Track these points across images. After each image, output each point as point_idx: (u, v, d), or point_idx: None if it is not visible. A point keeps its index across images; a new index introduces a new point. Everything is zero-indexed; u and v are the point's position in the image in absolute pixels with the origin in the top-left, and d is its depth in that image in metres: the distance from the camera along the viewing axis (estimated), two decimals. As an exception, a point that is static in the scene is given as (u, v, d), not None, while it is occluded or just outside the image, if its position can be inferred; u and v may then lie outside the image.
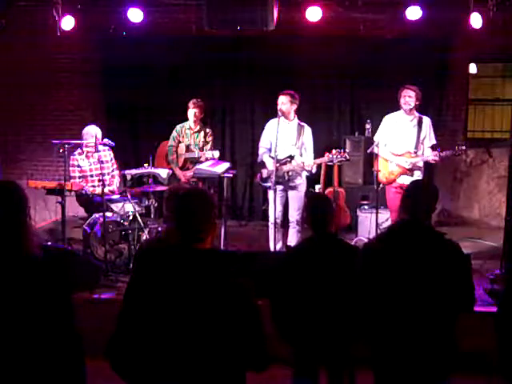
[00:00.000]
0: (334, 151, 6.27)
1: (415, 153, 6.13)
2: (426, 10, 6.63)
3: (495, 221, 8.30)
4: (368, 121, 8.25)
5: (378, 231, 6.42)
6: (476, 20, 6.50)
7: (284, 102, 6.22)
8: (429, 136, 6.18)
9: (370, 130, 8.19)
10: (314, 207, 3.59)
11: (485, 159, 8.58)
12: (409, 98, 6.07)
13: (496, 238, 6.76)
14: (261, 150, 6.49)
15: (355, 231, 7.27)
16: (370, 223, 6.92)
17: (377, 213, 6.39)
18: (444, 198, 8.61)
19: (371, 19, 7.12)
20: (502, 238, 5.93)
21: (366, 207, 7.44)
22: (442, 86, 8.18)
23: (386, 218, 7.09)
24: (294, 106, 6.29)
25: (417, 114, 6.20)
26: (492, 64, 8.54)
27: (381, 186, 6.36)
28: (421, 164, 6.19)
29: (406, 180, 6.00)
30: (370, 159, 6.57)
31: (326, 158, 6.28)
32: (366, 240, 6.76)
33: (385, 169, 6.25)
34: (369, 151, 6.39)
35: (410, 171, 6.14)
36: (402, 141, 6.19)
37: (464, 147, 6.13)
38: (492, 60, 8.39)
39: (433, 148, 6.17)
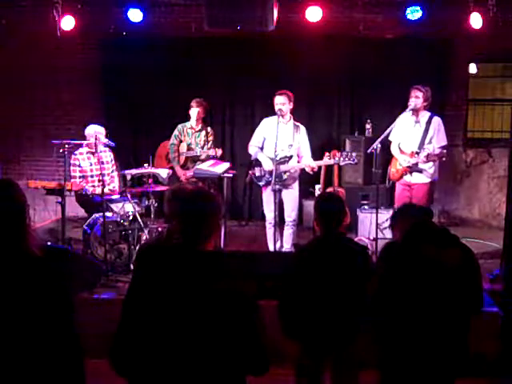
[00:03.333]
0: (338, 154, 6.34)
1: (418, 153, 6.13)
2: (426, 10, 6.64)
3: (495, 221, 8.30)
4: (368, 121, 8.25)
5: (378, 231, 6.44)
6: (476, 20, 6.51)
7: (283, 103, 6.22)
8: (437, 136, 6.16)
9: (370, 130, 8.20)
10: (323, 206, 3.57)
11: (485, 159, 8.57)
12: (415, 98, 6.07)
13: (496, 238, 6.76)
14: (252, 149, 6.46)
15: (355, 231, 7.27)
16: (370, 223, 6.92)
17: (377, 213, 6.39)
18: (444, 198, 8.61)
19: (371, 19, 7.13)
20: (502, 238, 5.93)
21: (366, 207, 7.44)
22: (441, 86, 8.18)
23: (386, 218, 7.10)
24: (291, 106, 6.31)
25: (427, 114, 6.19)
26: (492, 64, 8.53)
27: (391, 182, 6.48)
28: (424, 164, 6.14)
29: (410, 179, 6.14)
30: (370, 159, 6.58)
31: (332, 160, 6.33)
32: (365, 240, 6.77)
33: (394, 167, 6.36)
34: (369, 151, 6.39)
35: (410, 171, 6.16)
36: (407, 140, 6.24)
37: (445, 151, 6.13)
38: (492, 60, 8.38)
39: (442, 148, 6.15)
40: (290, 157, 6.30)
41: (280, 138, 6.15)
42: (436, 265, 2.99)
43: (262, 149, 6.40)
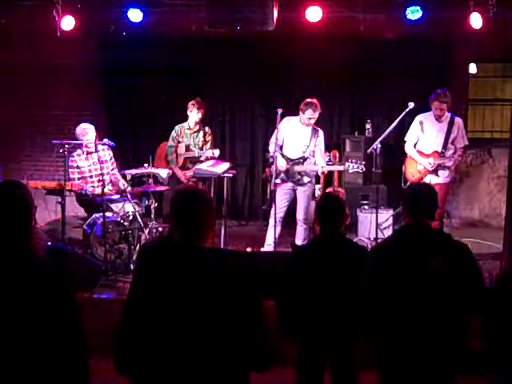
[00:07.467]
0: (350, 160, 6.51)
1: (443, 153, 6.22)
2: (426, 10, 6.63)
3: (495, 221, 8.30)
4: (368, 121, 8.25)
5: (378, 231, 6.45)
6: (476, 20, 6.50)
7: (315, 117, 6.39)
8: (461, 137, 6.30)
9: (370, 130, 8.20)
10: (323, 207, 3.58)
11: (485, 159, 8.57)
12: (440, 110, 6.15)
13: (496, 238, 6.75)
14: (272, 147, 6.53)
15: (355, 231, 7.27)
16: (370, 223, 6.93)
17: (377, 213, 6.40)
18: (444, 197, 8.60)
19: (371, 19, 7.10)
20: (502, 238, 5.93)
21: (366, 207, 7.44)
22: (441, 85, 8.16)
23: (385, 218, 7.11)
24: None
25: (448, 115, 6.27)
26: (492, 64, 8.53)
27: (408, 183, 6.43)
28: (449, 164, 6.28)
29: (432, 179, 6.18)
30: (370, 159, 6.58)
31: (342, 167, 6.62)
32: (365, 240, 6.78)
33: (413, 167, 6.38)
34: (369, 151, 6.40)
35: (435, 171, 6.26)
36: (430, 141, 6.30)
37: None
38: (492, 60, 8.38)
39: (463, 149, 6.36)
40: (305, 158, 6.44)
41: (296, 139, 6.44)
42: (421, 266, 2.97)
43: (281, 147, 6.50)
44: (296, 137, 6.47)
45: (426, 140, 6.32)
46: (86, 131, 6.30)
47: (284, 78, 8.28)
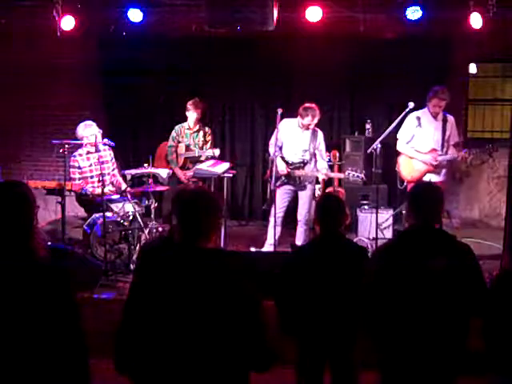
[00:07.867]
0: (350, 168, 6.50)
1: (442, 151, 6.21)
2: (426, 10, 6.63)
3: (495, 221, 8.30)
4: (368, 121, 8.25)
5: (378, 231, 6.45)
6: (476, 20, 6.50)
7: (314, 123, 6.36)
8: (454, 135, 6.30)
9: (370, 130, 8.20)
10: (323, 207, 3.58)
11: (485, 159, 8.56)
12: (439, 108, 6.14)
13: (496, 238, 6.75)
14: (271, 149, 6.50)
15: (355, 231, 7.27)
16: (370, 223, 6.92)
17: (377, 213, 6.40)
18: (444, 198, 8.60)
19: (371, 19, 7.10)
20: (502, 238, 5.92)
21: (366, 207, 7.44)
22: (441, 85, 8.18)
23: (385, 218, 7.11)
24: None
25: (441, 113, 6.26)
26: (492, 64, 8.52)
27: (405, 183, 6.42)
28: (445, 162, 6.28)
29: (432, 177, 6.13)
30: (370, 159, 6.58)
31: (343, 175, 6.62)
32: (365, 240, 6.78)
33: (409, 166, 6.31)
34: (369, 151, 6.39)
35: (437, 168, 6.22)
36: (427, 139, 6.26)
37: (491, 145, 6.41)
38: (492, 60, 8.37)
39: (456, 145, 6.31)
40: (305, 162, 6.43)
41: (295, 142, 6.41)
42: (424, 267, 2.97)
43: (281, 148, 6.48)
44: (295, 140, 6.43)
45: (422, 138, 6.28)
46: (88, 126, 6.31)
47: (284, 78, 8.28)
